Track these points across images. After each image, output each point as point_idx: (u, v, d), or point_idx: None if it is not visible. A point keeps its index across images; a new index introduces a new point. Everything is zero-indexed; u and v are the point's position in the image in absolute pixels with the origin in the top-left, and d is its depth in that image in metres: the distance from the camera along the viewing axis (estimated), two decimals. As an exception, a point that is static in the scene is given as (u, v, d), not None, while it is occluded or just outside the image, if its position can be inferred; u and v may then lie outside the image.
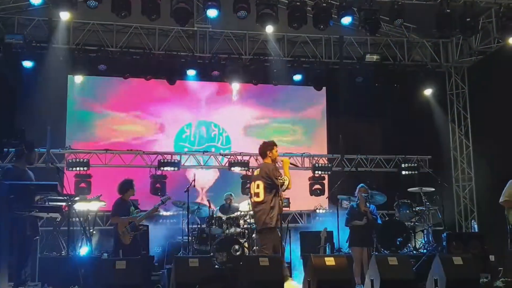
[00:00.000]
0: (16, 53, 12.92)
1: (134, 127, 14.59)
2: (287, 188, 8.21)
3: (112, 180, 13.61)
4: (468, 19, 11.92)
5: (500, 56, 13.46)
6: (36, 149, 10.60)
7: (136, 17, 11.57)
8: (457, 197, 14.95)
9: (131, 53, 13.52)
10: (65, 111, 14.06)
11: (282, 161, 8.41)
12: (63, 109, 13.99)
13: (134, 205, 10.17)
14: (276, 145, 8.40)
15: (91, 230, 10.43)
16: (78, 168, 13.09)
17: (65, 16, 11.70)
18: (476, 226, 13.07)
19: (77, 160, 13.24)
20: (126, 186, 10.02)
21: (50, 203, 7.86)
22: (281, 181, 8.07)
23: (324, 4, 11.72)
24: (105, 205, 10.35)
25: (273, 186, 8.07)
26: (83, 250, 9.84)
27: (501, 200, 9.03)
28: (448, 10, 11.89)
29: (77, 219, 9.87)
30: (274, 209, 8.10)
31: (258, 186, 8.15)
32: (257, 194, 8.18)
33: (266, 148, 8.37)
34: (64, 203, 9.10)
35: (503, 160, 9.76)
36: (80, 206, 9.75)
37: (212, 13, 11.41)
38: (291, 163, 8.70)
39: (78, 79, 13.82)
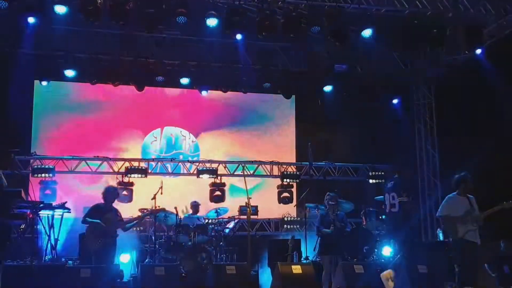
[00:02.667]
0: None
1: (101, 133, 14.43)
2: None
3: (78, 186, 13.57)
4: (435, 31, 12.09)
5: (467, 68, 13.68)
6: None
7: (104, 22, 11.45)
8: (423, 206, 15.12)
9: (99, 59, 13.38)
10: (31, 117, 13.86)
11: None
12: (29, 115, 13.80)
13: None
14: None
15: (56, 237, 10.27)
16: (43, 175, 12.92)
17: (32, 20, 11.51)
18: (441, 235, 13.21)
19: (43, 166, 13.06)
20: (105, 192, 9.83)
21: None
22: None
23: (293, 14, 11.77)
24: (70, 212, 10.21)
25: None
26: (48, 258, 9.70)
27: (439, 214, 9.21)
28: (415, 22, 12.05)
29: (42, 226, 9.75)
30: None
31: None
32: None
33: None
34: (28, 210, 9.01)
35: (468, 170, 9.91)
36: (45, 213, 9.62)
37: (181, 20, 11.36)
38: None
39: (45, 84, 13.59)
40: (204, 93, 14.38)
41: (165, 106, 14.98)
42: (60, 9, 10.73)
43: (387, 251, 11.36)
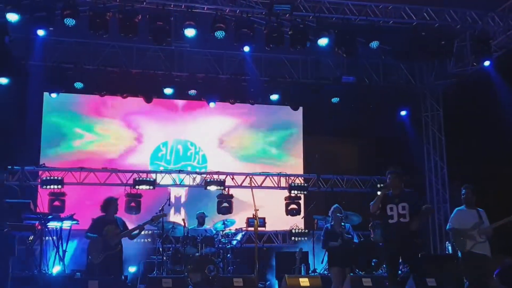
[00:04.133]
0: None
1: (110, 145, 14.49)
2: None
3: (87, 198, 13.59)
4: (443, 42, 12.10)
5: (475, 79, 13.64)
6: (9, 167, 10.56)
7: (113, 35, 11.54)
8: (432, 218, 15.04)
9: (108, 71, 13.45)
10: (40, 128, 13.94)
11: None
12: (38, 126, 13.88)
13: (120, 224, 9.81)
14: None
15: (64, 249, 10.28)
16: (52, 186, 12.96)
17: (42, 33, 11.60)
18: (450, 247, 13.14)
19: (51, 178, 13.10)
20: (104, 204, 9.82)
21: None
22: None
23: (301, 26, 11.83)
24: (78, 223, 10.21)
25: None
26: (56, 269, 9.71)
27: (448, 227, 9.27)
28: (423, 34, 12.07)
29: (50, 237, 9.76)
30: None
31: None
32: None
33: None
34: (37, 222, 9.02)
35: (477, 183, 9.88)
36: (54, 225, 9.64)
37: (189, 32, 11.45)
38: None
39: (54, 96, 13.64)
40: (212, 104, 14.39)
41: (173, 117, 15.03)
42: (70, 22, 10.82)
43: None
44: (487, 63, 12.74)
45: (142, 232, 10.18)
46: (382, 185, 14.62)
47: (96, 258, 9.12)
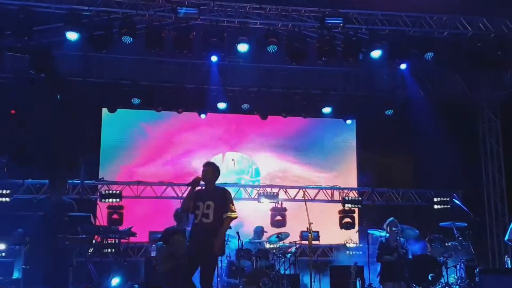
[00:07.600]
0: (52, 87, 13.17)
1: (166, 159, 14.73)
2: None
3: (144, 211, 13.85)
4: (499, 53, 11.88)
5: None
6: (70, 181, 10.85)
7: (168, 51, 11.81)
8: (490, 232, 14.71)
9: (163, 87, 13.73)
10: (99, 143, 14.31)
11: None
12: (97, 142, 14.25)
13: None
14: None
15: (122, 262, 10.49)
16: (110, 200, 13.27)
17: (100, 51, 11.93)
18: (509, 261, 12.81)
19: (110, 191, 13.41)
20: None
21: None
22: None
23: (353, 38, 11.83)
24: (136, 236, 10.42)
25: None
26: (114, 282, 9.91)
27: (507, 238, 9.05)
28: (479, 44, 11.89)
29: (109, 250, 9.99)
30: None
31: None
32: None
33: None
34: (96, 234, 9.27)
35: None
36: (112, 238, 9.86)
37: (242, 47, 11.61)
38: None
39: (112, 112, 13.99)
40: (264, 118, 14.47)
41: (227, 131, 15.18)
42: (127, 40, 11.14)
43: (452, 278, 11.12)
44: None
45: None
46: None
47: (163, 267, 9.24)
